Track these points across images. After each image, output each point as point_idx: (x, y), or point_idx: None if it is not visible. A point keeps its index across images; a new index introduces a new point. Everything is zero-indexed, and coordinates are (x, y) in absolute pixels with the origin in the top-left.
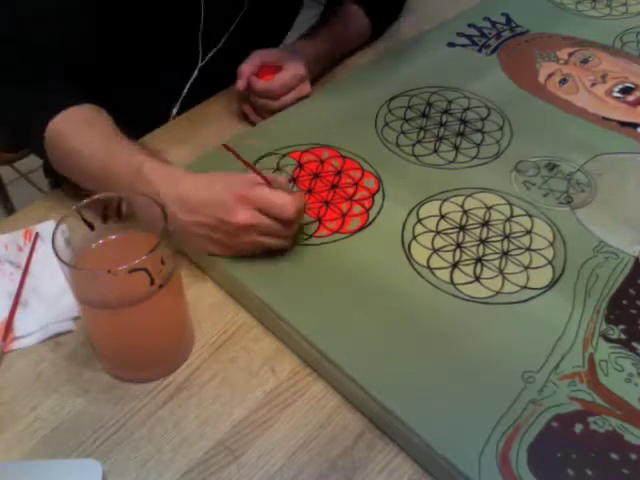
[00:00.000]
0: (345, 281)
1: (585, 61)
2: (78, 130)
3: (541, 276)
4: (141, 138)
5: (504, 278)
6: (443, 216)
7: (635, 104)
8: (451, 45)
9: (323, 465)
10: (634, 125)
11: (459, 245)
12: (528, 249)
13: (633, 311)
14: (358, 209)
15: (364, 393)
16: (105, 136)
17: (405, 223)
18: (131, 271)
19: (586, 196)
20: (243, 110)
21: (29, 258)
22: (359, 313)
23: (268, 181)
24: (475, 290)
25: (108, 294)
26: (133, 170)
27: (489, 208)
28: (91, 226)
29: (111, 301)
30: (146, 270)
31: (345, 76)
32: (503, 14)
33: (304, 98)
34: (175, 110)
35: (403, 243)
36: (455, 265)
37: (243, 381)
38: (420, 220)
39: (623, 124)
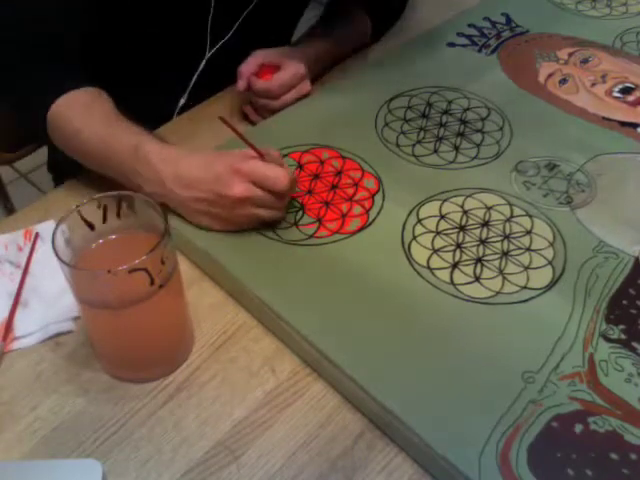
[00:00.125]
0: (345, 281)
1: (585, 61)
2: (79, 112)
3: (541, 276)
4: None
5: (504, 278)
6: (443, 216)
7: (635, 104)
8: (451, 45)
9: (323, 465)
10: (634, 125)
11: (459, 245)
12: (528, 249)
13: (633, 311)
14: (358, 209)
15: (364, 393)
16: (105, 118)
17: (405, 223)
18: (131, 271)
19: (586, 196)
20: (243, 110)
21: (29, 258)
22: (359, 313)
23: (261, 154)
24: (475, 290)
25: (108, 294)
26: (133, 150)
27: (489, 208)
28: (91, 226)
29: (111, 301)
30: (146, 270)
31: (345, 76)
32: (503, 14)
33: (304, 97)
34: (183, 101)
35: (403, 243)
36: (455, 265)
37: (243, 381)
38: (420, 220)
39: (623, 124)
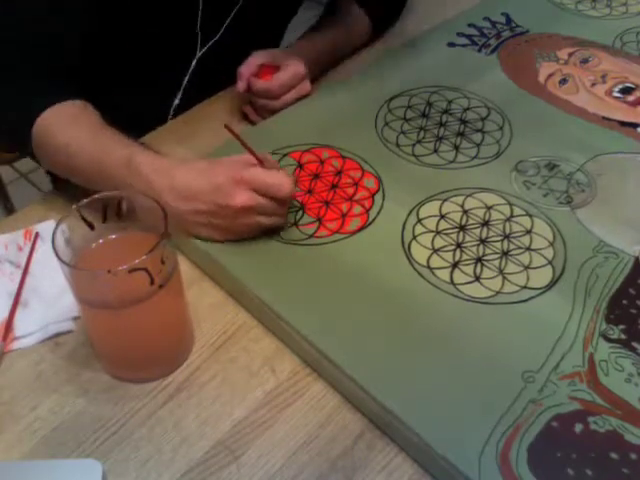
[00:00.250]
0: (345, 281)
1: (585, 61)
2: (65, 126)
3: (541, 276)
4: (141, 138)
5: (504, 278)
6: (443, 216)
7: (635, 104)
8: (451, 45)
9: (323, 465)
10: (634, 125)
11: (459, 245)
12: (528, 249)
13: (633, 311)
14: (358, 209)
15: (364, 393)
16: (93, 130)
17: (405, 223)
18: (131, 271)
19: (586, 196)
20: (243, 110)
21: (29, 258)
22: (359, 313)
23: (260, 160)
24: (475, 290)
25: (108, 294)
26: (124, 163)
27: (489, 208)
28: (91, 226)
29: (111, 301)
30: (146, 270)
31: (345, 76)
32: (503, 14)
33: (305, 97)
34: (177, 101)
35: (403, 243)
36: (455, 265)
37: (243, 381)
38: (420, 220)
39: (623, 124)
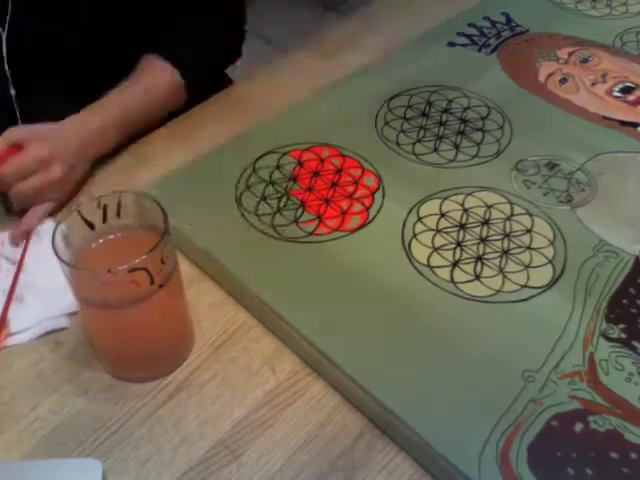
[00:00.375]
0: (345, 280)
1: (585, 61)
2: None
3: (541, 275)
4: (141, 138)
5: (504, 277)
6: (443, 214)
7: (635, 103)
8: (451, 45)
9: (323, 465)
10: (634, 124)
11: (459, 244)
12: (528, 248)
13: (633, 310)
14: (358, 207)
15: (364, 393)
16: None
17: (405, 221)
18: (131, 270)
19: (586, 195)
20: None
21: (23, 255)
22: (359, 312)
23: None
24: (475, 289)
25: (108, 293)
26: None
27: (489, 207)
28: (91, 226)
29: (111, 300)
30: (146, 270)
31: (345, 75)
32: (503, 14)
33: (55, 184)
34: None
35: (403, 241)
36: (455, 264)
37: (243, 381)
38: (420, 218)
39: (623, 123)
